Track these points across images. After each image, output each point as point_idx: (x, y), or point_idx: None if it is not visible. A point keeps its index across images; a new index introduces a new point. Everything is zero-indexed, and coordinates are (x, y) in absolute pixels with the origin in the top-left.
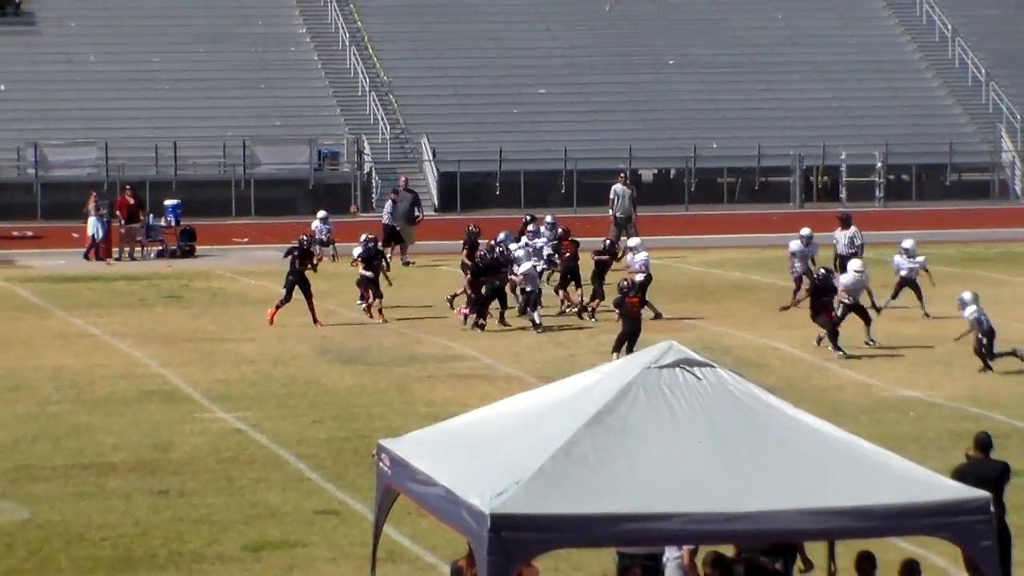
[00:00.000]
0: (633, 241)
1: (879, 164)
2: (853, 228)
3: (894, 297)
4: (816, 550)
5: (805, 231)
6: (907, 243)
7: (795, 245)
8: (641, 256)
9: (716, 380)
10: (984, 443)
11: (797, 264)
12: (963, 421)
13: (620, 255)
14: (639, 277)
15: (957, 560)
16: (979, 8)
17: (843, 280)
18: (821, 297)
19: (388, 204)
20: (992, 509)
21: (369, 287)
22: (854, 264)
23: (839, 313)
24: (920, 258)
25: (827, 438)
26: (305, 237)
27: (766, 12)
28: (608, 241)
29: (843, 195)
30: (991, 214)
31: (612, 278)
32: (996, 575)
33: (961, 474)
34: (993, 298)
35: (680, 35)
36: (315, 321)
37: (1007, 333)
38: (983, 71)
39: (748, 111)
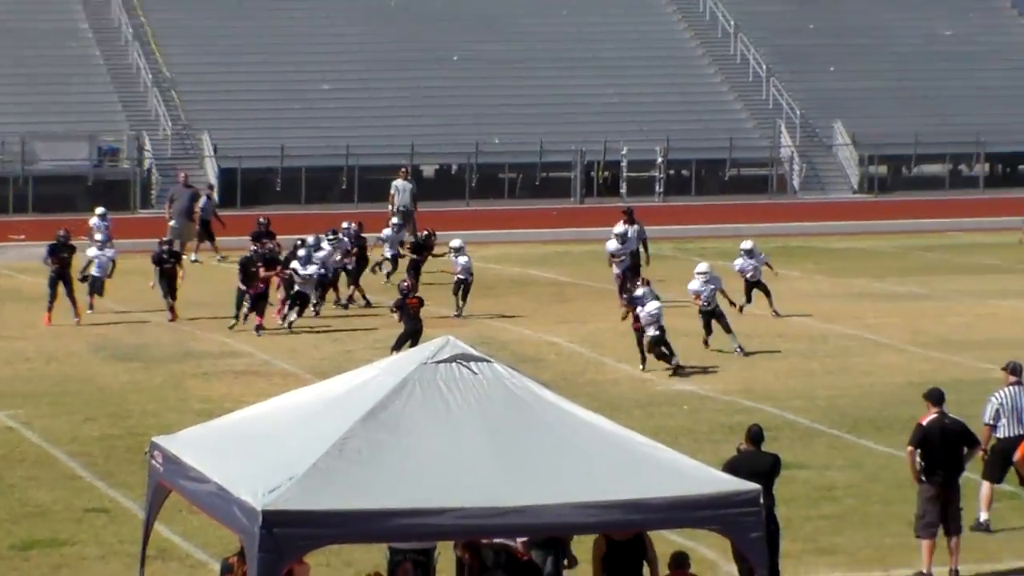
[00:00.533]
0: (455, 242)
1: (659, 159)
2: (637, 224)
3: (748, 302)
4: (584, 546)
5: (746, 244)
6: (747, 244)
7: (739, 263)
8: (464, 259)
9: (492, 375)
10: (756, 436)
11: (748, 274)
12: (736, 414)
13: (432, 249)
14: (460, 277)
15: (726, 552)
16: (761, 4)
17: (690, 287)
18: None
19: (203, 200)
20: (762, 501)
21: (163, 287)
22: (700, 267)
23: (703, 323)
24: (762, 255)
25: (600, 432)
26: (63, 231)
27: (551, 7)
28: (425, 233)
29: (623, 190)
30: (769, 209)
31: (428, 272)
32: (763, 566)
33: (733, 467)
34: (771, 292)
35: (465, 30)
36: (77, 316)
37: (782, 326)
38: (764, 67)
39: (531, 106)
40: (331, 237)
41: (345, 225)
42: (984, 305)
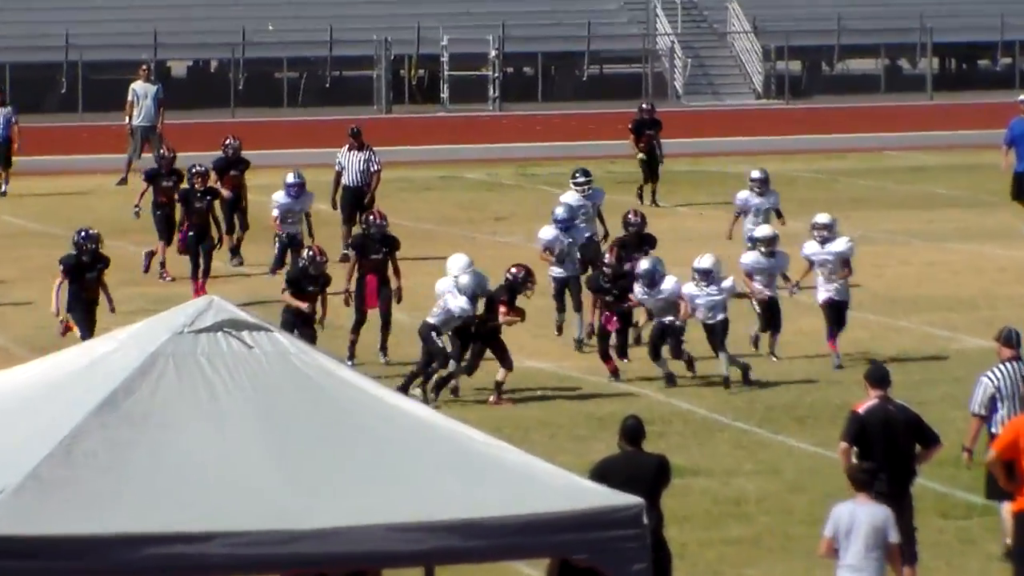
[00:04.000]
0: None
1: (492, 54)
2: (369, 151)
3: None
4: None
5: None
6: (822, 217)
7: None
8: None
9: (274, 349)
10: (633, 432)
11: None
12: (607, 402)
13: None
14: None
15: None
16: None
17: (746, 262)
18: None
19: None
20: (646, 521)
21: None
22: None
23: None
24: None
25: (424, 427)
26: None
27: None
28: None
29: (445, 95)
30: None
31: None
32: None
33: (603, 473)
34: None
35: None
36: None
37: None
38: None
39: None
40: None
41: None
42: (938, 250)
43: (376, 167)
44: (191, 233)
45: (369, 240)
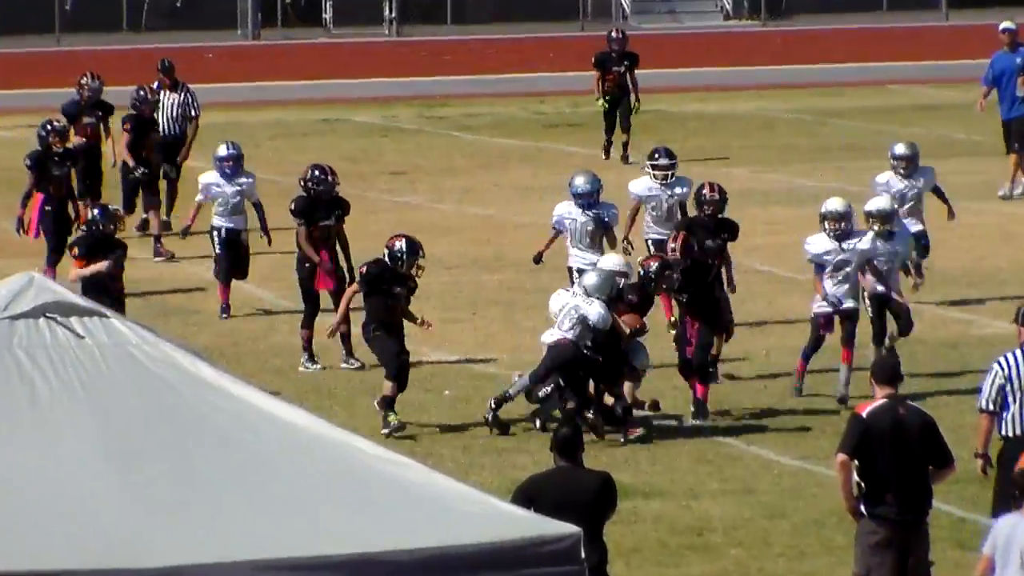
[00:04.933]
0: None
1: None
2: (185, 91)
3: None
4: None
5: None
6: (900, 149)
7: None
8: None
9: (111, 340)
10: (567, 444)
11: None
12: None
13: None
14: None
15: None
16: None
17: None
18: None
19: None
20: (584, 554)
21: None
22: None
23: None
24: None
25: (305, 439)
26: None
27: None
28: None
29: (328, 16)
30: (582, 46)
31: None
32: None
33: (529, 495)
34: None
35: None
36: None
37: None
38: None
39: None
40: None
41: None
42: (953, 209)
43: (195, 112)
44: (48, 208)
45: (317, 202)
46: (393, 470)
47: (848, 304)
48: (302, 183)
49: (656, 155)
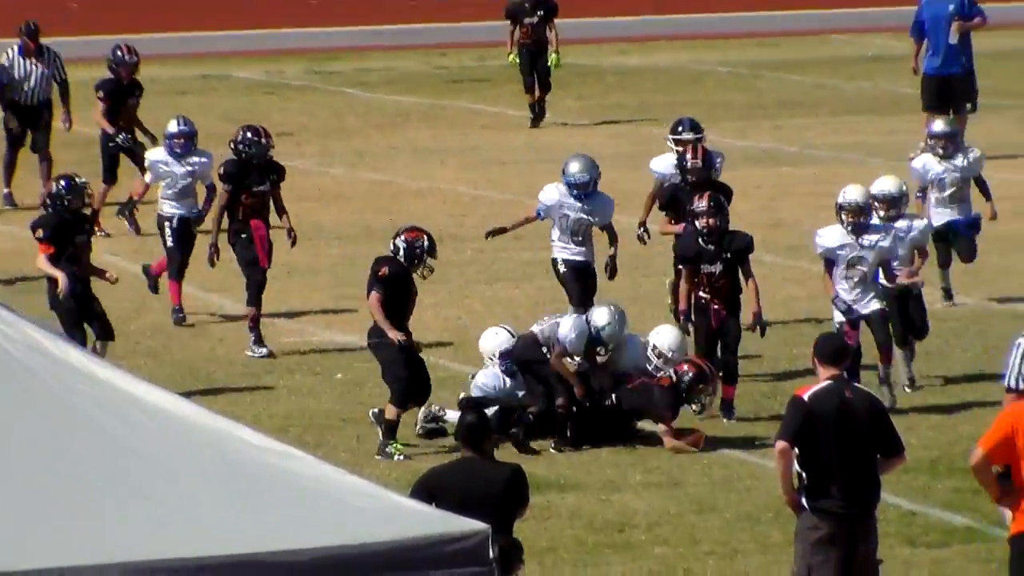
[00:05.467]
0: None
1: None
2: (51, 55)
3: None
4: None
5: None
6: (938, 126)
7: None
8: None
9: None
10: (475, 432)
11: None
12: (439, 390)
13: None
14: None
15: None
16: None
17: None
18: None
19: None
20: (492, 553)
21: None
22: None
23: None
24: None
25: (181, 428)
26: None
27: None
28: None
29: None
30: None
31: None
32: None
33: (431, 489)
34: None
35: None
36: None
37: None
38: None
39: None
40: None
41: None
42: (904, 171)
43: (61, 76)
44: None
45: (249, 167)
46: (280, 462)
47: (872, 307)
48: (232, 145)
49: (680, 128)
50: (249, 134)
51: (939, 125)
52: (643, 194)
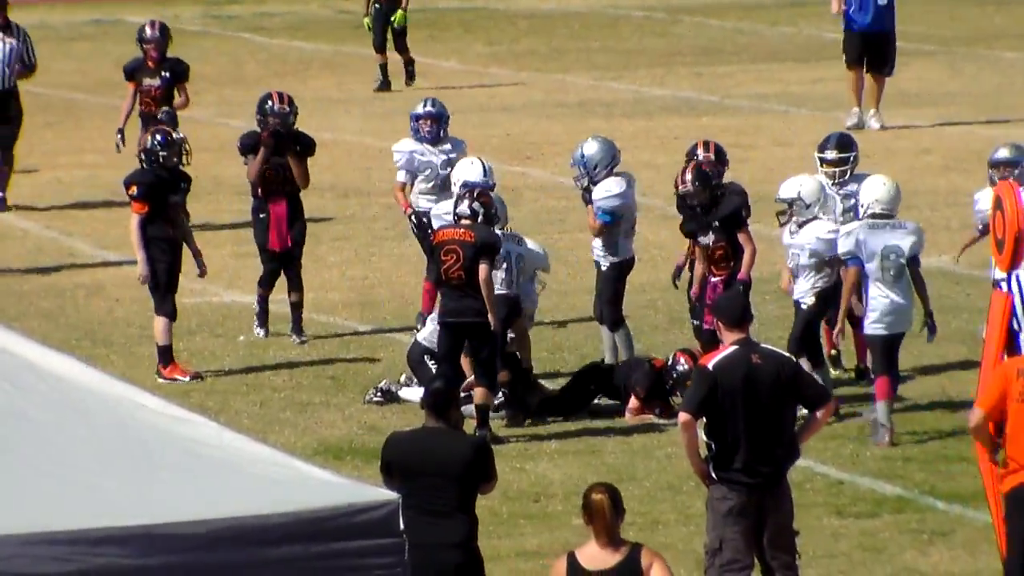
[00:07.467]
0: None
1: None
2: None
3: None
4: None
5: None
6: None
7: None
8: None
9: None
10: (440, 400)
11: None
12: (351, 351)
13: None
14: None
15: None
16: None
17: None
18: None
19: None
20: (402, 524)
21: None
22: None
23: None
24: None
25: (79, 395)
26: None
27: None
28: None
29: None
30: None
31: None
32: None
33: (385, 457)
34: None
35: None
36: None
37: None
38: None
39: None
40: None
41: None
42: (830, 123)
43: (31, 59)
44: None
45: (276, 136)
46: (181, 429)
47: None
48: (265, 117)
49: (825, 147)
50: (271, 103)
51: (1003, 153)
52: (553, 143)
